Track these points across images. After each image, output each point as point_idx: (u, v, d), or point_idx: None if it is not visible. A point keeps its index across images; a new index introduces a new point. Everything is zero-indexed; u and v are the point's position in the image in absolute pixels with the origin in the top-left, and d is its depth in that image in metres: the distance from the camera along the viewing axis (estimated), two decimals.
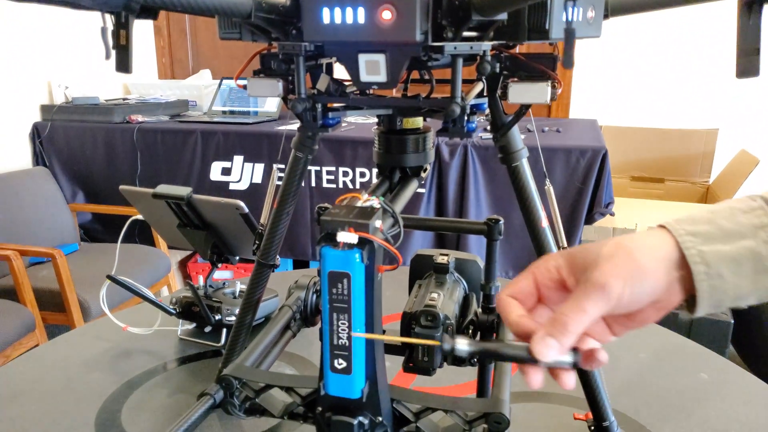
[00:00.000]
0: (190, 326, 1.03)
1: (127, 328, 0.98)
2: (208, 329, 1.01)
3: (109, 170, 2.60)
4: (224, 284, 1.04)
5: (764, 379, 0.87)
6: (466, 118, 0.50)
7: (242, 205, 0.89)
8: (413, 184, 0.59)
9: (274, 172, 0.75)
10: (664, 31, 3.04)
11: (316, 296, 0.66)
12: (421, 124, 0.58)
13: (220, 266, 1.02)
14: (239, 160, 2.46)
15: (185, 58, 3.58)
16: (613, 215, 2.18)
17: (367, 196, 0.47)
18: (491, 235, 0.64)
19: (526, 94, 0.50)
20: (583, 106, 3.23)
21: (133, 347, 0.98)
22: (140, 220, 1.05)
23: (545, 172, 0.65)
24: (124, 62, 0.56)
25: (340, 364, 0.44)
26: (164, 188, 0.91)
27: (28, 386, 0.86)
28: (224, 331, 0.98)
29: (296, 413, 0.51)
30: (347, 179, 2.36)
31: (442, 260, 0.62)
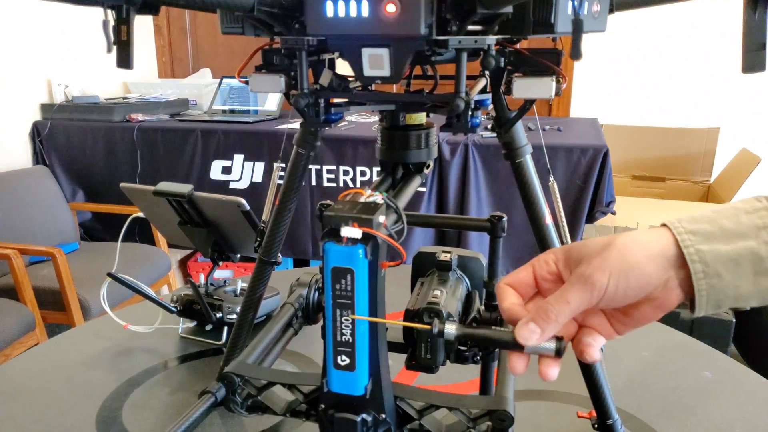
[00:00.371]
0: (191, 324, 1.02)
1: (128, 326, 0.98)
2: (209, 327, 1.00)
3: (109, 169, 2.60)
4: (225, 282, 1.03)
5: (767, 377, 0.87)
6: (470, 113, 0.50)
7: (243, 202, 0.89)
8: (416, 180, 0.58)
9: (275, 169, 0.74)
10: (665, 29, 3.03)
11: (318, 294, 0.65)
12: (424, 119, 0.58)
13: (221, 264, 1.01)
14: (239, 159, 2.46)
15: (185, 56, 3.58)
16: (614, 214, 2.17)
17: (370, 191, 0.46)
18: (495, 232, 0.64)
19: (530, 89, 0.50)
20: (583, 104, 3.23)
21: (133, 345, 0.97)
22: (140, 218, 1.04)
23: (549, 168, 0.65)
24: (124, 58, 0.56)
25: (343, 360, 0.44)
26: (165, 185, 0.91)
27: (28, 384, 0.86)
28: (225, 329, 0.98)
29: (299, 411, 0.50)
30: (348, 178, 2.35)
31: (444, 257, 0.61)
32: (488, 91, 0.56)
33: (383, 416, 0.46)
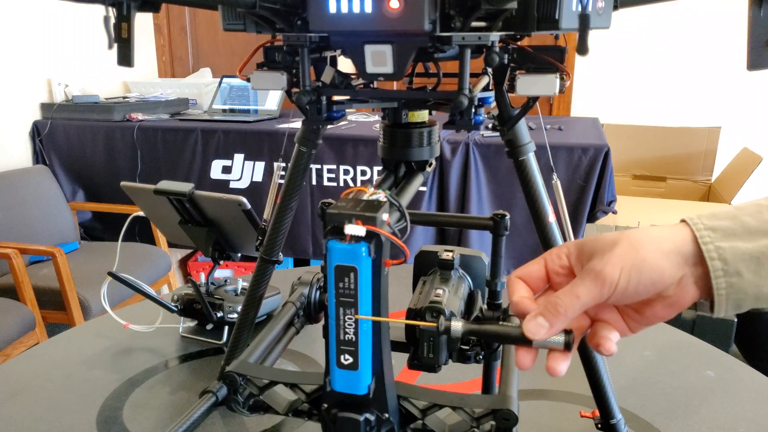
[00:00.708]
0: (191, 324, 1.02)
1: (128, 325, 0.97)
2: (209, 327, 1.00)
3: (109, 169, 2.60)
4: (226, 281, 1.03)
5: None
6: (473, 110, 0.49)
7: (244, 201, 0.89)
8: (419, 178, 0.58)
9: (276, 168, 0.74)
10: (666, 28, 3.03)
11: (319, 293, 0.65)
12: (426, 117, 0.58)
13: (221, 264, 1.01)
14: (240, 158, 2.45)
15: (185, 56, 3.57)
16: (615, 213, 2.17)
17: (373, 189, 0.46)
18: (497, 230, 0.63)
19: (534, 86, 0.50)
20: (584, 104, 3.22)
21: (134, 345, 0.97)
22: (141, 217, 1.04)
23: (552, 165, 0.64)
24: (125, 56, 0.55)
25: (346, 359, 0.43)
26: (166, 184, 0.91)
27: (28, 384, 0.86)
28: (226, 328, 0.97)
29: (301, 410, 0.50)
30: (348, 177, 2.35)
31: (446, 256, 0.61)
32: (491, 88, 0.55)
33: (386, 416, 0.45)
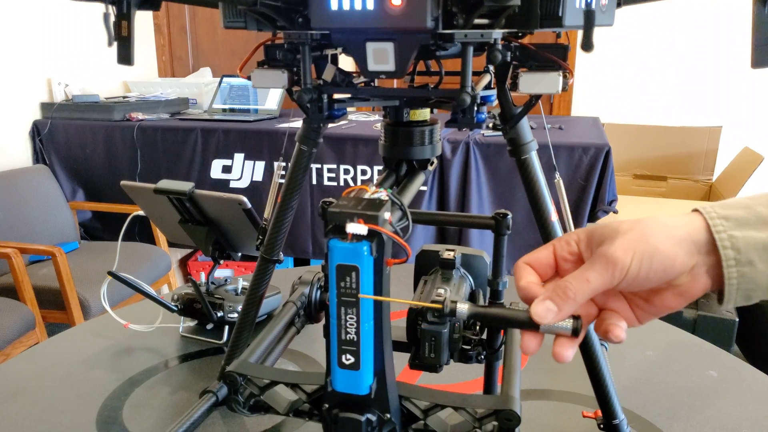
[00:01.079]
0: (191, 323, 1.02)
1: (128, 325, 0.97)
2: (209, 326, 0.99)
3: (109, 168, 2.59)
4: (226, 281, 1.03)
5: None
6: (475, 108, 0.49)
7: (245, 200, 0.88)
8: (420, 177, 0.58)
9: (277, 167, 0.74)
10: (667, 28, 3.02)
11: (320, 292, 0.65)
12: (428, 116, 0.57)
13: (221, 263, 1.01)
14: (240, 158, 2.45)
15: (185, 55, 3.57)
16: (616, 213, 2.16)
17: (374, 188, 0.46)
18: (499, 229, 0.63)
19: (537, 84, 0.49)
20: (585, 103, 3.22)
21: (134, 344, 0.97)
22: (140, 217, 1.04)
23: (555, 164, 0.64)
24: (125, 54, 0.55)
25: (348, 359, 0.43)
26: (166, 183, 0.90)
27: (28, 384, 0.85)
28: (226, 328, 0.97)
29: (302, 410, 0.50)
30: (348, 177, 2.35)
31: (448, 256, 0.60)
32: (493, 86, 0.55)
33: (388, 416, 0.45)
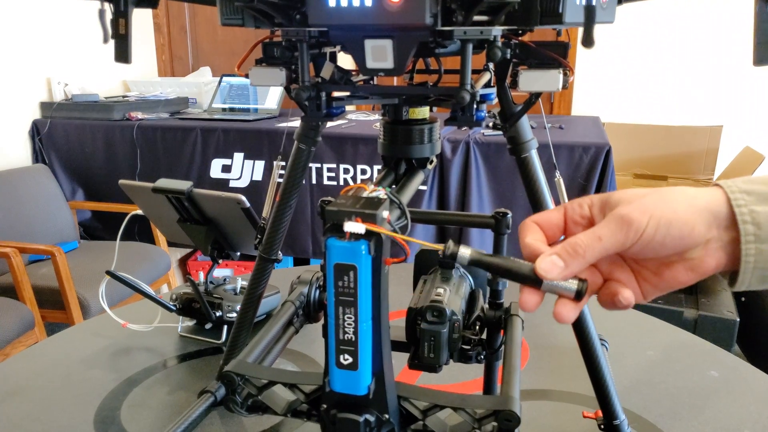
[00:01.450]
0: (190, 323, 1.01)
1: (126, 324, 0.97)
2: (208, 326, 0.99)
3: (108, 168, 2.59)
4: (225, 280, 1.02)
5: None
6: (474, 106, 0.48)
7: (243, 199, 0.88)
8: (419, 176, 0.57)
9: (275, 166, 0.73)
10: (667, 27, 3.02)
11: (319, 292, 0.64)
12: (427, 114, 0.57)
13: (220, 262, 1.00)
14: (239, 157, 2.45)
15: (185, 55, 3.57)
16: None
17: (373, 186, 0.45)
18: (499, 228, 0.62)
19: (537, 81, 0.49)
20: (585, 103, 3.22)
21: (132, 344, 0.96)
22: (140, 216, 1.03)
23: (555, 163, 0.64)
24: (123, 52, 0.54)
25: (346, 359, 0.42)
26: (164, 182, 0.90)
27: (26, 383, 0.85)
28: (225, 327, 0.97)
29: (300, 411, 0.49)
30: (348, 176, 2.34)
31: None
32: (493, 85, 0.54)
33: (386, 416, 0.45)
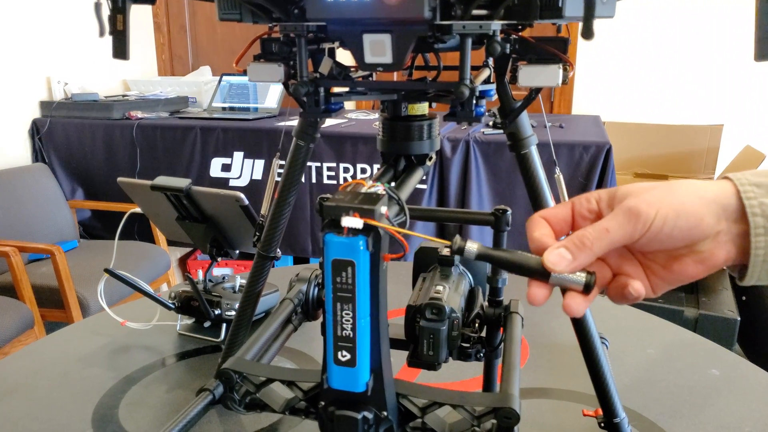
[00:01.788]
0: (189, 321, 1.01)
1: (125, 323, 0.96)
2: (207, 324, 0.99)
3: (108, 167, 2.59)
4: (224, 279, 1.02)
5: None
6: (474, 102, 0.48)
7: (242, 197, 0.87)
8: (418, 172, 0.57)
9: (274, 163, 0.73)
10: (667, 26, 3.01)
11: (317, 289, 0.64)
12: (426, 110, 0.57)
13: (219, 261, 1.00)
14: (239, 156, 2.44)
15: (185, 54, 3.57)
16: None
17: (371, 182, 0.45)
18: (499, 225, 0.62)
19: (537, 77, 0.48)
20: (586, 102, 3.21)
21: (131, 342, 0.96)
22: (140, 215, 1.03)
23: (555, 160, 0.63)
24: (121, 48, 0.54)
25: (344, 356, 0.42)
26: (163, 180, 0.90)
27: (24, 382, 0.85)
28: (224, 326, 0.96)
29: (298, 408, 0.49)
30: (348, 175, 2.34)
31: (447, 252, 0.60)
32: (492, 81, 0.54)
33: (385, 414, 0.44)
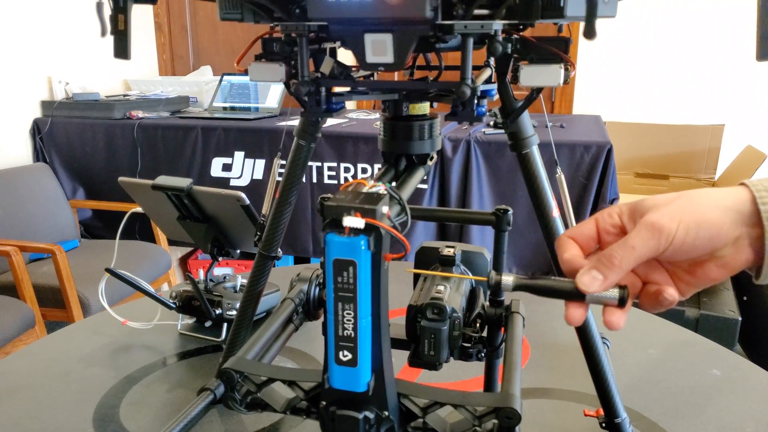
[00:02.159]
0: (190, 321, 1.01)
1: (126, 322, 0.96)
2: (208, 324, 0.99)
3: (109, 166, 2.59)
4: (225, 278, 1.02)
5: None
6: (475, 101, 0.48)
7: (243, 196, 0.87)
8: (419, 172, 0.57)
9: (275, 163, 0.73)
10: (668, 26, 3.01)
11: (319, 289, 0.64)
12: (428, 110, 0.57)
13: (220, 260, 1.00)
14: (240, 156, 2.45)
15: (186, 54, 3.57)
16: None
17: (372, 182, 0.45)
18: (500, 225, 0.62)
19: (538, 76, 0.48)
20: (586, 102, 3.21)
21: (132, 342, 0.96)
22: (141, 215, 1.03)
23: (556, 159, 0.63)
24: (122, 48, 0.54)
25: (345, 356, 0.42)
26: (164, 179, 0.90)
27: (25, 381, 0.85)
28: (225, 325, 0.96)
29: (299, 408, 0.49)
30: (349, 175, 2.34)
31: (448, 252, 0.60)
32: (493, 81, 0.54)
33: (386, 414, 0.44)
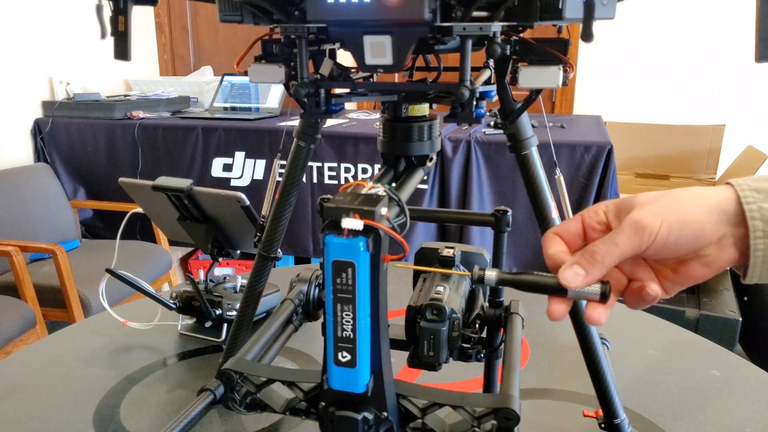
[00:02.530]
0: (190, 321, 1.01)
1: (126, 322, 0.97)
2: (208, 324, 0.99)
3: (110, 166, 2.59)
4: (225, 279, 1.02)
5: None
6: (474, 103, 0.48)
7: (243, 197, 0.88)
8: (419, 173, 0.57)
9: (275, 163, 0.73)
10: (669, 26, 3.01)
11: (318, 290, 0.64)
12: (427, 111, 0.57)
13: (220, 261, 1.00)
14: (240, 156, 2.45)
15: (187, 54, 3.57)
16: None
17: (372, 183, 0.45)
18: (499, 226, 0.62)
19: (537, 78, 0.48)
20: (587, 102, 3.21)
21: (132, 342, 0.96)
22: (141, 215, 1.03)
23: (555, 161, 0.63)
24: (122, 49, 0.54)
25: (344, 357, 0.42)
26: (164, 180, 0.90)
27: (26, 381, 0.85)
28: (225, 326, 0.96)
29: (298, 408, 0.49)
30: (349, 175, 2.34)
31: (447, 253, 0.60)
32: (492, 82, 0.54)
33: (385, 414, 0.44)
